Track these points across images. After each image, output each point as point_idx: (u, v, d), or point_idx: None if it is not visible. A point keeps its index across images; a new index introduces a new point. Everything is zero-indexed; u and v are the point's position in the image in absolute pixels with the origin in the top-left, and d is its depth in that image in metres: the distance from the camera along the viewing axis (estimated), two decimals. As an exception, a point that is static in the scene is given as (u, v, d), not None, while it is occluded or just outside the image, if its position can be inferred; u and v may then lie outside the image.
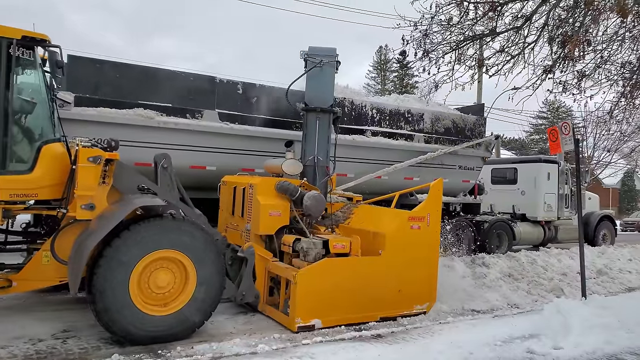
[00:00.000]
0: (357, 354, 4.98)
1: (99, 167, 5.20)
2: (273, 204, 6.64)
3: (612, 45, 8.47)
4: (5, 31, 4.77)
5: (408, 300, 6.59)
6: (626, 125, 14.01)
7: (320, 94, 8.18)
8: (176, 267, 5.36)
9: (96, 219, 5.17)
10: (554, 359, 5.11)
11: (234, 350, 5.12)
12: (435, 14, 8.42)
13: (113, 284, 4.93)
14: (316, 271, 5.91)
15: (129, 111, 7.89)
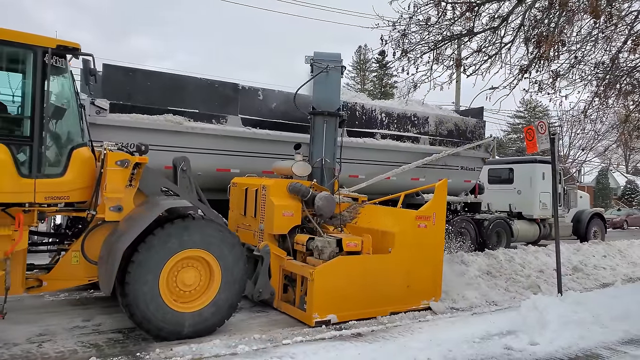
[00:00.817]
0: (337, 353, 4.98)
1: (126, 171, 5.41)
2: (286, 205, 6.86)
3: (586, 45, 8.64)
4: (41, 40, 4.93)
5: (416, 296, 6.91)
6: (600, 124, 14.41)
7: (327, 98, 8.46)
8: (202, 265, 5.59)
9: (124, 221, 5.40)
10: (530, 355, 5.19)
11: (214, 351, 5.09)
12: (413, 14, 8.47)
13: (145, 282, 5.16)
14: (331, 269, 6.20)
15: (159, 117, 8.25)
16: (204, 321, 5.55)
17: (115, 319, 6.19)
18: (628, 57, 8.71)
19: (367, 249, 6.66)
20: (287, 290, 6.90)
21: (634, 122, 11.44)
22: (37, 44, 4.92)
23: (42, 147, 4.90)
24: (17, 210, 4.94)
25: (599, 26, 8.01)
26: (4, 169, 4.66)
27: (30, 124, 4.89)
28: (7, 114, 5.11)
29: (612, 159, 40.33)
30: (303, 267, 6.43)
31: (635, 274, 10.98)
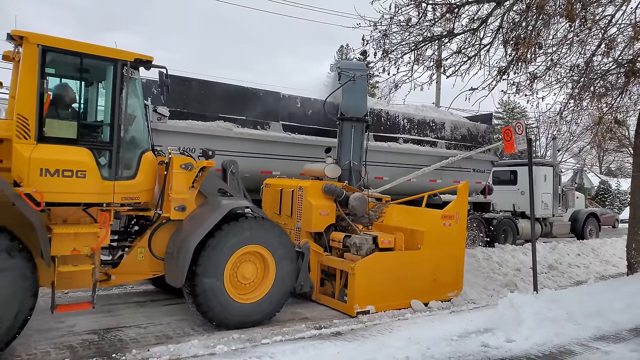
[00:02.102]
0: (316, 352, 4.97)
1: (190, 173, 5.87)
2: (322, 205, 7.41)
3: (562, 48, 8.82)
4: (122, 54, 5.34)
5: (441, 288, 7.54)
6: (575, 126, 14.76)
7: (355, 104, 9.01)
8: (259, 260, 6.10)
9: (188, 220, 5.85)
10: (506, 352, 5.27)
11: (192, 352, 5.04)
12: (394, 15, 8.53)
13: (212, 276, 5.64)
14: (370, 263, 6.75)
15: (212, 123, 8.85)
16: (262, 311, 6.05)
17: (90, 320, 6.08)
18: (602, 60, 8.94)
19: (400, 245, 7.29)
20: (323, 283, 7.44)
21: (607, 124, 11.72)
22: (118, 57, 5.32)
23: (120, 151, 5.29)
24: (96, 209, 5.34)
25: (574, 30, 8.19)
26: (90, 172, 5.05)
27: (110, 130, 5.28)
28: (90, 121, 5.50)
29: (587, 160, 41.27)
30: (343, 262, 6.96)
31: (608, 272, 11.26)
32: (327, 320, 6.46)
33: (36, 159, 4.77)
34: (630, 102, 10.12)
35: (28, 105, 4.83)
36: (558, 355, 5.27)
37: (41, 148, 4.85)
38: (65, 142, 5.04)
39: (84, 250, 5.09)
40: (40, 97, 4.88)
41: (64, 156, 4.95)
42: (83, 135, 5.22)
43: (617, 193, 35.97)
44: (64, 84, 5.44)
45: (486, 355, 5.15)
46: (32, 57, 4.87)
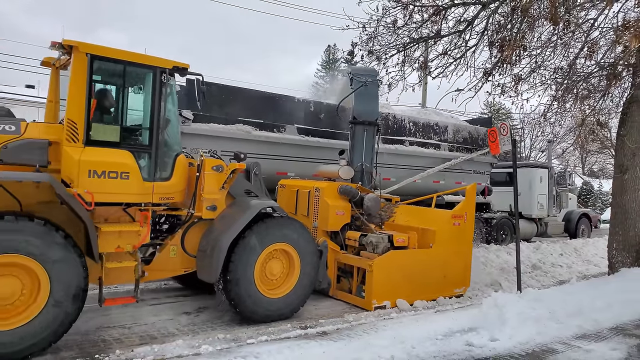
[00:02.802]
0: (302, 352, 4.97)
1: (221, 175, 6.15)
2: (338, 205, 7.74)
3: (546, 51, 8.94)
4: (161, 62, 5.61)
5: (450, 285, 7.93)
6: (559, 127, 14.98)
7: (367, 109, 9.28)
8: (285, 257, 6.44)
9: (219, 219, 6.17)
10: (490, 350, 5.32)
11: (177, 352, 5.00)
12: (382, 17, 8.57)
13: (244, 272, 5.97)
14: (387, 261, 7.10)
15: (232, 127, 9.17)
16: (288, 305, 6.40)
17: (73, 320, 6.00)
18: (584, 63, 9.07)
19: (413, 244, 7.65)
20: (340, 280, 7.76)
21: (590, 126, 11.90)
22: (158, 65, 5.59)
23: (158, 154, 5.56)
24: (134, 209, 5.61)
25: (558, 33, 8.31)
26: (133, 173, 5.32)
27: (149, 134, 5.54)
28: (131, 125, 5.72)
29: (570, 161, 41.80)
30: (361, 260, 7.29)
31: (589, 271, 11.44)
32: (313, 319, 6.46)
33: (85, 161, 5.04)
34: (612, 105, 10.28)
35: (77, 111, 5.07)
36: (541, 354, 5.34)
37: (89, 151, 5.10)
38: (109, 145, 5.28)
39: (126, 247, 5.40)
40: (88, 102, 5.13)
41: (109, 158, 5.21)
42: (125, 138, 5.47)
43: (600, 194, 36.55)
44: (108, 89, 5.72)
45: (470, 355, 5.20)
46: (82, 65, 5.11)
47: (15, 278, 4.66)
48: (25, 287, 4.71)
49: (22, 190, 4.95)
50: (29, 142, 4.99)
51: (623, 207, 9.29)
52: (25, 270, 4.69)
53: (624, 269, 9.16)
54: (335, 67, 51.12)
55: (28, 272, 4.70)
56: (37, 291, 4.74)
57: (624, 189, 9.28)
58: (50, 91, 6.07)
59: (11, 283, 4.64)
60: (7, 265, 4.59)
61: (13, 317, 4.64)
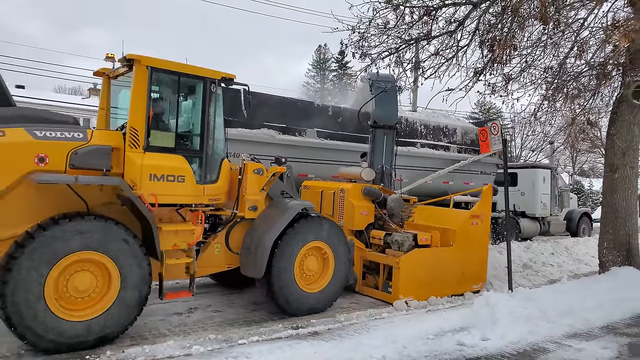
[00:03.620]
0: (293, 352, 4.95)
1: (262, 178, 6.62)
2: (363, 205, 8.14)
3: (536, 50, 8.98)
4: (211, 73, 6.06)
5: (468, 281, 8.28)
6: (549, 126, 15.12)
7: (387, 114, 9.65)
8: (321, 254, 6.88)
9: (259, 219, 6.61)
10: (481, 350, 5.33)
11: (168, 353, 4.97)
12: (372, 18, 8.56)
13: (285, 268, 6.41)
14: (412, 258, 7.53)
15: (257, 131, 9.58)
16: (325, 299, 6.84)
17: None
18: (574, 62, 9.12)
19: (435, 242, 8.05)
20: (365, 277, 8.16)
21: (580, 125, 11.97)
22: (208, 76, 6.03)
23: (207, 158, 6.00)
24: (185, 210, 6.05)
25: (548, 32, 8.34)
26: (187, 177, 5.76)
27: (200, 140, 5.98)
28: (184, 131, 6.11)
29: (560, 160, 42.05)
30: (387, 257, 7.70)
31: (580, 270, 11.50)
32: (304, 320, 6.44)
33: (146, 166, 5.46)
34: (602, 104, 10.35)
35: (138, 119, 5.49)
36: (532, 353, 5.35)
37: (148, 156, 5.52)
38: (166, 151, 5.72)
39: (182, 245, 5.82)
40: (148, 111, 5.54)
41: (167, 163, 5.65)
42: (179, 144, 5.91)
43: (590, 193, 36.82)
44: (165, 99, 6.05)
45: (462, 354, 5.20)
46: (143, 77, 5.54)
47: (90, 273, 5.09)
48: (98, 282, 5.13)
49: (89, 192, 5.39)
50: (96, 148, 5.35)
51: (613, 206, 9.35)
52: (99, 267, 5.12)
53: (615, 268, 9.23)
54: (326, 67, 51.12)
55: (101, 268, 5.13)
56: (108, 286, 5.15)
57: (614, 188, 9.35)
58: (102, 99, 6.58)
59: (87, 278, 5.06)
60: (84, 262, 5.02)
61: (87, 309, 5.05)
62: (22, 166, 4.97)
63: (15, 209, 5.00)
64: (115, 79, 6.40)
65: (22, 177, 4.96)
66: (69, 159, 5.17)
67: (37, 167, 5.02)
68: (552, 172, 17.02)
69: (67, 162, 5.17)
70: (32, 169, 5.00)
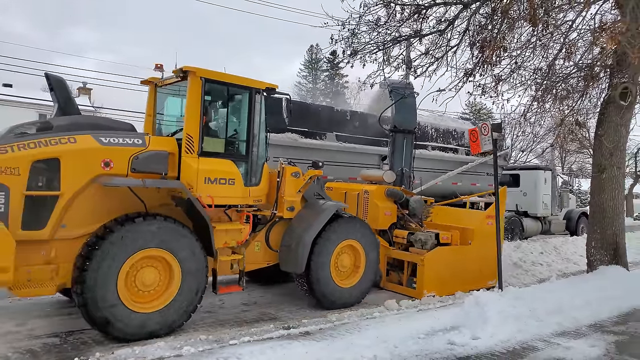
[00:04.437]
0: (284, 352, 4.94)
1: (298, 180, 7.12)
2: (386, 206, 8.61)
3: (525, 52, 9.05)
4: (257, 83, 6.53)
5: (484, 278, 8.65)
6: (538, 127, 15.33)
7: (407, 119, 10.16)
8: (353, 252, 7.37)
9: (296, 218, 7.08)
10: (472, 349, 5.37)
11: (158, 354, 4.95)
12: (363, 14, 8.58)
13: (322, 264, 6.91)
14: (435, 256, 7.98)
15: (283, 135, 10.05)
16: (358, 293, 7.35)
17: (51, 323, 5.90)
18: (563, 64, 9.20)
19: (455, 241, 8.50)
20: (388, 273, 8.59)
21: (569, 126, 12.10)
22: (254, 86, 6.48)
23: (252, 163, 6.47)
24: (232, 210, 6.50)
25: (537, 34, 8.41)
26: (237, 179, 6.24)
27: (246, 145, 6.46)
28: (232, 138, 6.55)
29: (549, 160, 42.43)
30: (412, 255, 8.16)
31: (569, 269, 11.62)
32: (296, 320, 6.45)
33: (202, 170, 5.91)
34: (590, 105, 10.46)
35: (193, 126, 5.90)
36: (521, 351, 5.40)
37: (203, 160, 5.95)
38: (216, 156, 6.16)
39: (232, 243, 6.29)
40: (202, 119, 5.96)
41: (219, 167, 6.11)
42: (228, 149, 6.41)
43: (579, 193, 37.21)
44: (215, 107, 6.53)
45: (452, 353, 5.24)
46: (197, 88, 5.95)
47: (155, 269, 5.51)
48: (162, 277, 5.56)
49: (147, 194, 5.75)
50: (155, 153, 5.75)
51: (601, 206, 9.45)
52: (162, 263, 5.54)
53: (602, 267, 9.33)
54: (317, 67, 51.13)
55: (164, 264, 5.55)
56: (170, 280, 5.58)
57: (601, 188, 9.45)
58: (149, 106, 7.02)
59: (152, 273, 5.50)
60: (151, 258, 5.45)
61: (153, 302, 5.48)
62: (91, 170, 5.35)
63: (84, 210, 5.37)
64: (161, 87, 6.87)
65: (90, 180, 5.34)
66: (130, 163, 5.58)
67: (103, 171, 5.41)
68: (553, 173, 17.72)
69: (129, 166, 5.57)
70: (99, 172, 5.39)
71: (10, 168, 4.89)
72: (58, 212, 5.15)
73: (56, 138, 5.21)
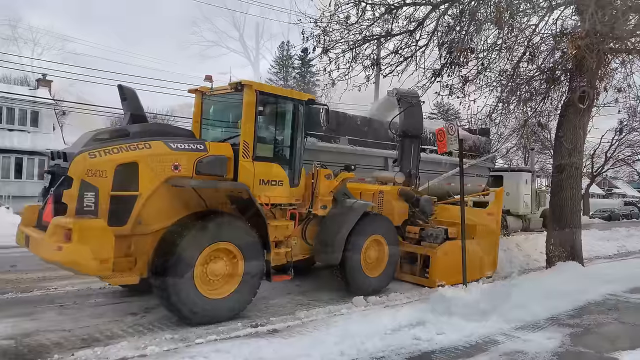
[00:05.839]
0: (251, 350, 4.91)
1: (331, 182, 7.77)
2: (400, 205, 9.28)
3: (491, 54, 9.26)
4: (301, 95, 7.40)
5: (484, 268, 9.48)
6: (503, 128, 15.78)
7: (415, 125, 10.89)
8: (378, 246, 8.16)
9: (329, 216, 7.75)
10: (436, 344, 5.48)
11: (121, 354, 4.84)
12: (334, 12, 8.60)
13: (355, 256, 7.64)
14: (446, 249, 8.80)
15: None
16: (383, 281, 8.16)
17: (4, 325, 5.66)
18: (527, 67, 9.47)
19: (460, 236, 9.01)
20: (401, 265, 9.17)
21: (532, 127, 12.46)
22: (299, 98, 7.31)
23: (294, 166, 7.21)
24: (277, 209, 7.13)
25: (503, 36, 8.62)
26: (284, 181, 7.00)
27: (290, 151, 7.26)
28: (279, 144, 7.28)
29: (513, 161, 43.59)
30: (424, 249, 8.97)
31: (529, 266, 11.95)
32: (264, 318, 6.41)
33: (257, 172, 6.62)
34: (552, 107, 10.80)
35: (249, 133, 6.56)
36: (483, 345, 5.55)
37: (257, 164, 6.64)
38: (267, 160, 6.85)
39: (280, 237, 6.99)
40: (256, 127, 6.61)
41: (270, 170, 6.82)
42: (275, 154, 7.15)
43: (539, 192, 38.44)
44: (266, 116, 7.08)
45: (418, 348, 5.33)
46: (252, 99, 6.61)
47: (222, 260, 6.12)
48: (227, 267, 6.15)
49: (208, 194, 6.32)
50: (215, 158, 6.35)
51: (560, 205, 9.80)
52: (228, 255, 6.15)
53: (560, 263, 9.69)
54: (289, 64, 50.94)
55: (230, 255, 6.17)
56: (235, 270, 6.18)
57: (561, 188, 9.79)
58: (196, 114, 7.70)
59: (221, 263, 6.10)
60: (218, 250, 6.05)
61: (219, 289, 6.08)
62: (164, 173, 5.93)
63: (157, 208, 5.91)
64: (209, 97, 7.54)
65: (162, 182, 5.89)
66: (195, 166, 6.18)
67: (173, 174, 5.99)
68: (533, 175, 19.28)
69: (194, 169, 6.17)
70: (170, 175, 5.97)
71: (99, 171, 5.50)
72: (137, 210, 5.71)
73: (134, 144, 5.84)
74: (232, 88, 6.74)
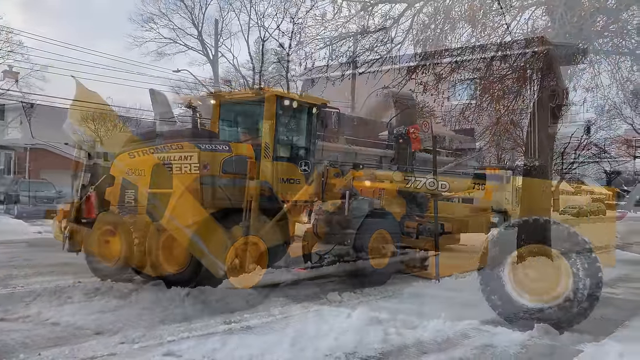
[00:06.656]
0: (224, 346, 4.87)
1: (340, 180, 8.33)
2: (399, 201, 9.76)
3: (465, 52, 9.37)
4: (317, 100, 7.99)
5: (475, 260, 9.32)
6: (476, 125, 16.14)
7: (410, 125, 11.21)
8: (383, 240, 8.49)
9: (339, 212, 8.07)
10: (409, 338, 5.54)
11: (90, 353, 4.75)
12: (311, 8, 8.60)
13: (363, 246, 8.07)
14: (443, 243, 9.26)
15: None
16: (387, 273, 8.48)
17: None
18: (500, 65, 9.62)
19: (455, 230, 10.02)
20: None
21: (504, 125, 12.67)
22: (314, 103, 7.93)
23: (310, 166, 7.76)
24: (291, 205, 7.57)
25: (476, 35, 8.75)
26: (301, 180, 7.53)
27: (306, 152, 7.92)
28: (295, 145, 7.88)
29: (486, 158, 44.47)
30: (424, 242, 9.35)
31: (501, 261, 12.21)
32: (237, 314, 6.35)
33: (277, 171, 7.15)
34: (524, 105, 10.98)
35: (270, 136, 7.15)
36: (454, 340, 5.63)
37: (276, 164, 7.21)
38: (285, 160, 7.46)
39: (297, 231, 7.75)
40: (276, 130, 7.19)
41: (288, 169, 7.41)
42: (292, 155, 7.76)
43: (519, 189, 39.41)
44: (284, 120, 7.65)
45: (390, 343, 5.37)
46: (273, 104, 7.27)
47: (246, 252, 6.78)
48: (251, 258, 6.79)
49: (232, 191, 6.85)
50: (239, 158, 6.89)
51: (530, 202, 10.00)
52: (254, 246, 6.80)
53: (530, 258, 9.90)
54: (265, 60, 50.53)
55: (256, 247, 6.84)
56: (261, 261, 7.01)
57: (531, 184, 9.99)
58: (215, 116, 8.29)
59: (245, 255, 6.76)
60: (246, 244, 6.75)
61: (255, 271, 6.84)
62: (194, 171, 6.44)
63: (188, 204, 6.40)
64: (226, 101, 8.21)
65: (194, 180, 6.40)
66: (221, 166, 6.73)
67: (203, 173, 6.51)
68: (514, 173, 19.74)
69: (221, 169, 6.72)
70: (200, 173, 6.48)
71: (138, 170, 6.16)
72: (171, 207, 6.24)
73: (168, 145, 6.46)
74: (253, 93, 7.48)
